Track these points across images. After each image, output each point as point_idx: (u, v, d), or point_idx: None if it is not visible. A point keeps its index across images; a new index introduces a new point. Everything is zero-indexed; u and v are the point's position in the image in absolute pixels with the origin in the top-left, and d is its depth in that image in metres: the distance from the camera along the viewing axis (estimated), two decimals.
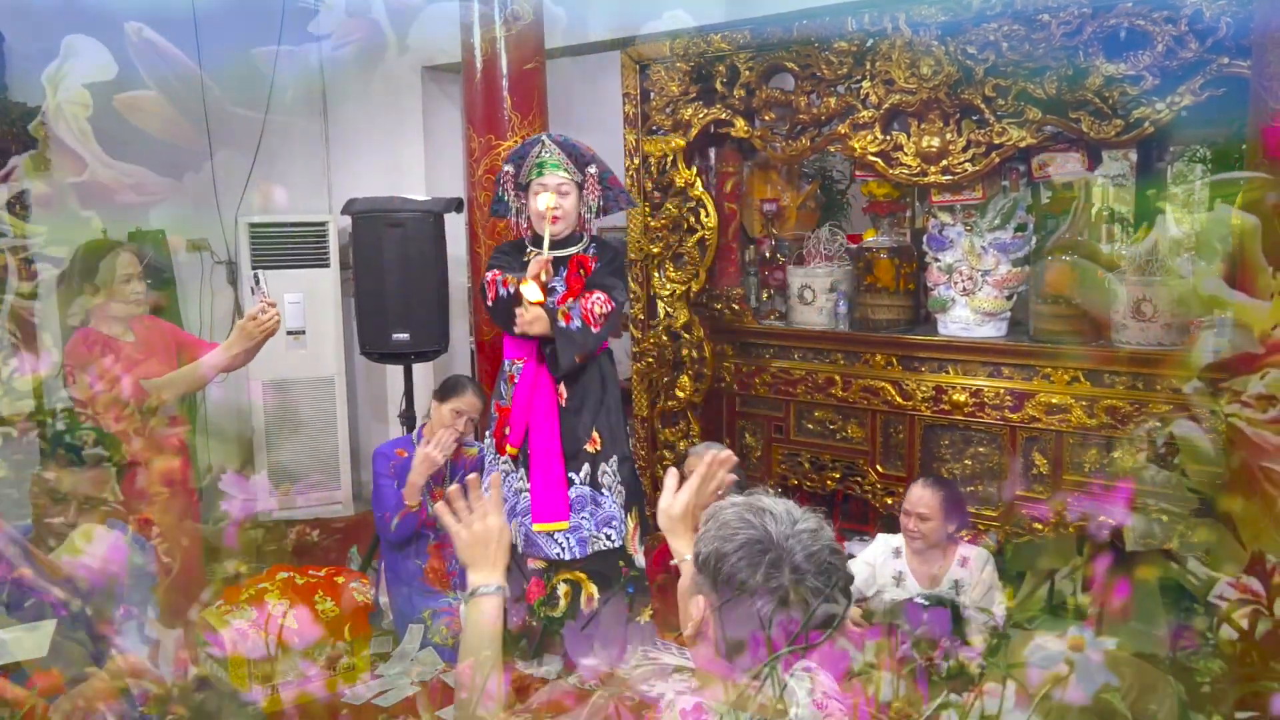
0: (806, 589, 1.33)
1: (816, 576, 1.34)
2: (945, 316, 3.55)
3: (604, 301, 3.07)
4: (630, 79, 4.06)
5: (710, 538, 1.39)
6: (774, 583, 1.33)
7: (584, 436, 3.13)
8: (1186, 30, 2.84)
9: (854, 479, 3.77)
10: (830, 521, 1.46)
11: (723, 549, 1.36)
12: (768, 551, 1.34)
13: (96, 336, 3.02)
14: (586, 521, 3.12)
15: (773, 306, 4.12)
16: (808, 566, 1.34)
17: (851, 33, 3.45)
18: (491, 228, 3.73)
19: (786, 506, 1.42)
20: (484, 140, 3.68)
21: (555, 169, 3.07)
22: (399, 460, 3.51)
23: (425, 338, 4.04)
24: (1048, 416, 3.26)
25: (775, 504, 1.41)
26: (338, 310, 4.90)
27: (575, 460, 3.13)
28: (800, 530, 1.37)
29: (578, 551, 3.11)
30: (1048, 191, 3.46)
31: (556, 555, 3.11)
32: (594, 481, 3.14)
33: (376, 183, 4.66)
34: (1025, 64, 3.11)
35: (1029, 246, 3.43)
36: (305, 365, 4.83)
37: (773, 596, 1.33)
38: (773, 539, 1.35)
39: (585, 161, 3.11)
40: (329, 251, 4.85)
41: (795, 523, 1.38)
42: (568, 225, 3.11)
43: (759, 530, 1.36)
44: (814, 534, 1.37)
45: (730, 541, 1.36)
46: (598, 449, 3.14)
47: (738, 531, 1.37)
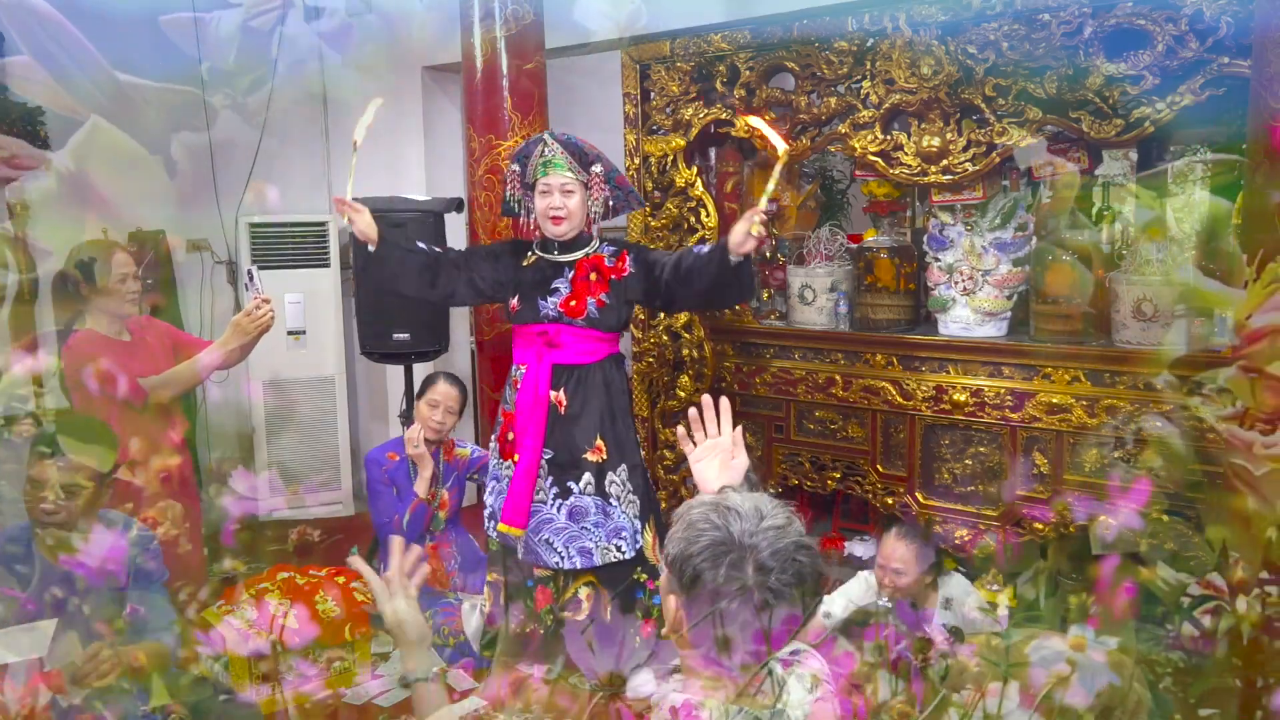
0: (771, 587, 1.34)
1: (782, 573, 1.35)
2: (946, 316, 3.55)
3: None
4: (630, 79, 4.06)
5: (677, 539, 1.41)
6: (736, 583, 1.34)
7: (585, 445, 3.01)
8: (1187, 30, 2.84)
9: (854, 479, 3.77)
10: (802, 516, 1.45)
11: (687, 550, 1.38)
12: (730, 551, 1.35)
13: (93, 336, 3.02)
14: (591, 532, 3.00)
15: (773, 306, 4.12)
16: (773, 563, 1.35)
17: (852, 32, 3.45)
18: (491, 228, 3.73)
19: (755, 503, 1.42)
20: (484, 140, 3.68)
21: (559, 168, 2.99)
22: (390, 464, 3.52)
23: (425, 337, 4.04)
24: (1048, 416, 3.26)
25: (743, 502, 1.42)
26: (338, 310, 4.91)
27: (576, 469, 3.02)
28: (766, 527, 1.37)
29: (579, 561, 3.01)
30: (1048, 191, 3.46)
31: (555, 564, 3.03)
32: (600, 491, 3.02)
33: (376, 183, 4.66)
34: (1025, 63, 3.11)
35: (1029, 246, 3.43)
36: (305, 365, 4.83)
37: (737, 595, 1.34)
38: (735, 539, 1.36)
39: (589, 160, 3.02)
40: (329, 251, 4.85)
41: (762, 519, 1.39)
42: (573, 226, 3.02)
43: (722, 531, 1.37)
44: (780, 530, 1.38)
45: (695, 543, 1.38)
46: (602, 458, 3.03)
47: (702, 533, 1.38)
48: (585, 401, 3.03)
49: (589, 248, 3.08)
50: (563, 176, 2.99)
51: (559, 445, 3.04)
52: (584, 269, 3.05)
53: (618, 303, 3.05)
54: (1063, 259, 3.24)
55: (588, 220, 3.07)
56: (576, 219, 3.02)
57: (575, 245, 3.08)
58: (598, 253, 3.08)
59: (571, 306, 3.03)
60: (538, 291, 3.07)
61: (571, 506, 3.03)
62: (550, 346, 3.06)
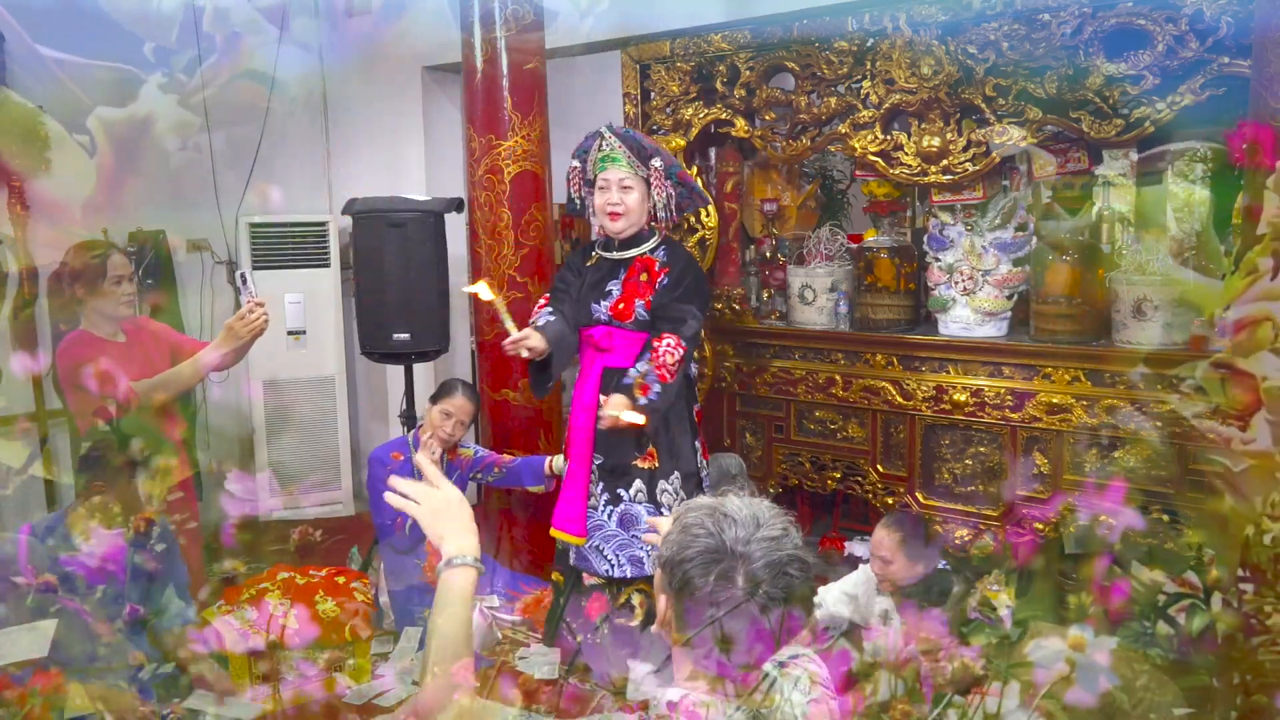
0: (760, 599, 1.33)
1: (772, 585, 1.33)
2: (946, 316, 3.55)
3: (674, 347, 2.86)
4: (631, 79, 4.06)
5: (671, 541, 1.39)
6: (726, 591, 1.33)
7: (635, 452, 2.96)
8: (1187, 30, 2.84)
9: (854, 479, 3.77)
10: (799, 526, 1.43)
11: (680, 554, 1.37)
12: (722, 560, 1.34)
13: (88, 338, 3.01)
14: (642, 540, 2.95)
15: (773, 306, 4.12)
16: (764, 574, 1.33)
17: (852, 32, 3.45)
18: (492, 228, 3.72)
19: (754, 511, 1.39)
20: (484, 140, 3.68)
21: (617, 163, 2.91)
22: (394, 465, 3.51)
23: (426, 338, 4.04)
24: (1048, 416, 3.26)
25: (741, 508, 1.39)
26: (338, 310, 4.90)
27: (626, 476, 2.98)
28: (761, 537, 1.35)
29: (629, 570, 2.97)
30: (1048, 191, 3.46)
31: (606, 572, 3.00)
32: (652, 498, 2.98)
33: (376, 183, 4.67)
34: (1026, 63, 3.11)
35: (1029, 246, 3.43)
36: (305, 365, 4.83)
37: (726, 603, 1.32)
38: (727, 547, 1.34)
39: (648, 154, 2.94)
40: (329, 251, 4.85)
41: (758, 528, 1.37)
42: (631, 223, 2.94)
43: (715, 539, 1.35)
44: (775, 542, 1.36)
45: (688, 548, 1.36)
46: (654, 465, 2.98)
47: (696, 538, 1.37)
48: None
49: (645, 246, 2.99)
50: (621, 171, 2.91)
51: (608, 451, 2.98)
52: (636, 269, 2.97)
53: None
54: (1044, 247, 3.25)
55: (650, 217, 2.99)
56: (635, 215, 2.95)
57: (634, 243, 3.00)
58: (652, 254, 2.99)
59: (619, 309, 2.96)
60: (594, 293, 3.02)
61: (622, 513, 2.99)
62: (600, 350, 3.00)
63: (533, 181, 3.70)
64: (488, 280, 2.94)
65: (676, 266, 2.97)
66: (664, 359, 2.84)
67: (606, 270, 3.03)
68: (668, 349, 2.85)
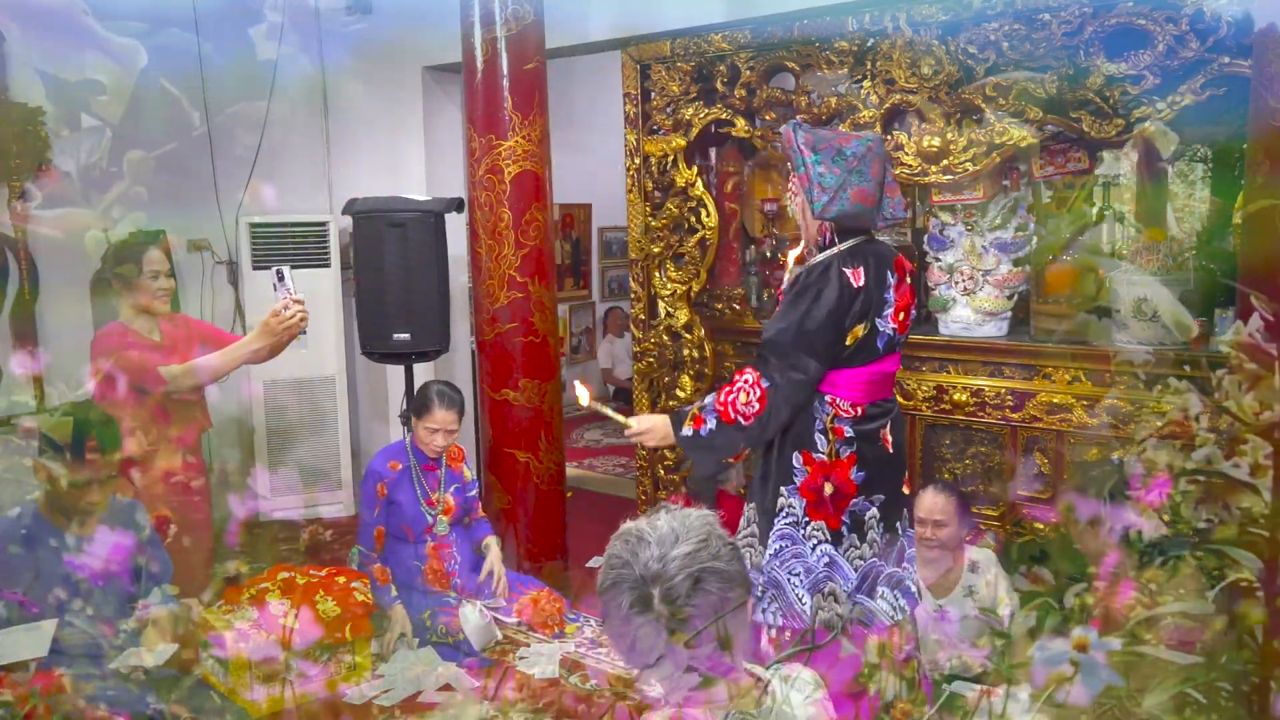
0: (679, 616, 1.33)
1: (688, 600, 1.33)
2: (946, 316, 3.56)
3: (751, 386, 2.40)
4: (631, 79, 4.06)
5: (604, 567, 1.41)
6: (642, 616, 1.33)
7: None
8: (1187, 29, 2.84)
9: None
10: (728, 530, 1.43)
11: (602, 581, 1.38)
12: (635, 588, 1.34)
13: (124, 330, 3.03)
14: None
15: (773, 306, 4.11)
16: (680, 590, 1.33)
17: (852, 32, 3.45)
18: (492, 228, 3.72)
19: (677, 525, 1.39)
20: (484, 140, 3.68)
21: (791, 165, 2.52)
22: (391, 476, 3.49)
23: (426, 337, 4.04)
24: (1048, 416, 3.26)
25: (663, 524, 1.39)
26: (338, 310, 4.90)
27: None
28: (678, 554, 1.35)
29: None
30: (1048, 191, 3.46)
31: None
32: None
33: (377, 183, 4.66)
34: (1026, 63, 3.11)
35: (1029, 246, 3.43)
36: (305, 365, 4.83)
37: (644, 626, 1.33)
38: (637, 575, 1.34)
39: (795, 156, 2.47)
40: (329, 251, 4.85)
41: (675, 543, 1.36)
42: (797, 228, 2.57)
43: (629, 568, 1.36)
44: (692, 555, 1.35)
45: (605, 579, 1.38)
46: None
47: (612, 568, 1.38)
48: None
49: (792, 253, 2.63)
50: (794, 175, 2.52)
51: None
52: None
53: None
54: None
55: (807, 226, 2.51)
56: (797, 220, 2.56)
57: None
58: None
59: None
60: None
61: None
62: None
63: (533, 181, 3.70)
64: (585, 385, 2.65)
65: (793, 290, 2.51)
66: (733, 397, 2.44)
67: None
68: (743, 385, 2.44)
